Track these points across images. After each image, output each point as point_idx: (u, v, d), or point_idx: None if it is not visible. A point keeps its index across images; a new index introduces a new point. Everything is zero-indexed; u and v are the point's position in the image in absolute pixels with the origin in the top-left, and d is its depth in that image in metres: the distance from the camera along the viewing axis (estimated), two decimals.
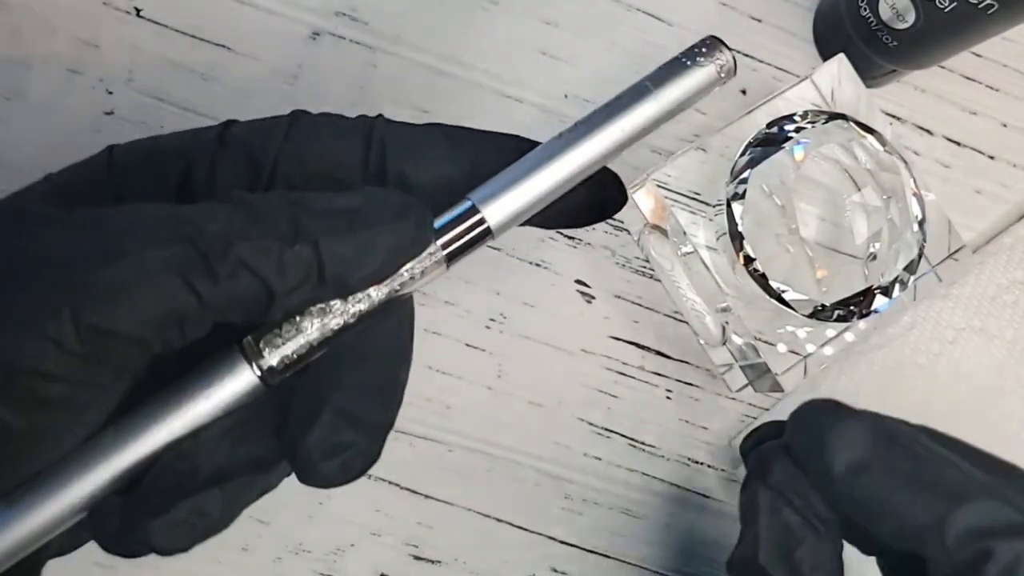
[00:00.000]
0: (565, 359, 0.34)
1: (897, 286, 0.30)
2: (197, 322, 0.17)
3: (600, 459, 0.34)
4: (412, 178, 0.20)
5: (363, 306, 0.19)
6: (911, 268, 0.30)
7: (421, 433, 0.33)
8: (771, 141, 0.30)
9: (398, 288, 0.19)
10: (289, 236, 0.17)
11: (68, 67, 0.32)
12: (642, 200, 0.32)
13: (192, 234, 0.16)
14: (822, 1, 0.36)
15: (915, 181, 0.30)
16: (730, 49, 0.22)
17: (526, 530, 0.34)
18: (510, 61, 0.34)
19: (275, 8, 0.33)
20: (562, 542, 0.34)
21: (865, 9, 0.33)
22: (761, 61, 0.36)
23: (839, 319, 0.29)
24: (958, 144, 0.37)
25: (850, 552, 0.25)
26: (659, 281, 0.35)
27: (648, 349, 0.35)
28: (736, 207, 0.29)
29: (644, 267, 0.35)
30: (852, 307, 0.29)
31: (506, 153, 0.21)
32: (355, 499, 0.33)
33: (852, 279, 0.29)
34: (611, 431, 0.34)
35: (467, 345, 0.34)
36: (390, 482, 0.33)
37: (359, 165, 0.20)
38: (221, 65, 0.33)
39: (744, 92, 0.36)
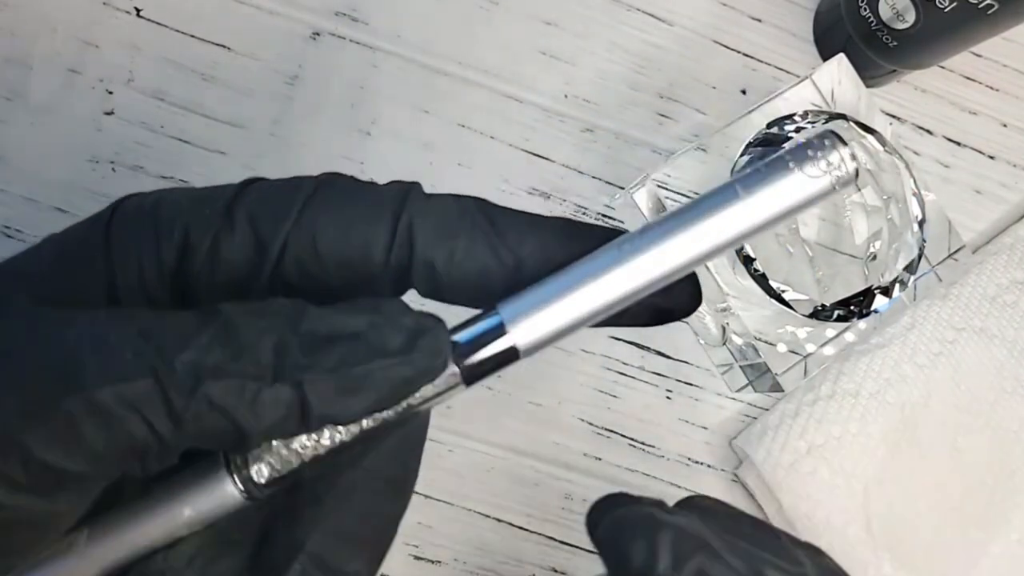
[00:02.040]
0: (565, 359, 0.34)
1: (897, 286, 0.30)
2: (159, 457, 0.15)
3: (600, 459, 0.34)
4: (442, 272, 0.17)
5: (366, 425, 0.17)
6: (911, 268, 0.30)
7: None
8: (771, 141, 0.30)
9: (407, 409, 0.17)
10: (269, 373, 0.15)
11: (68, 67, 0.32)
12: (642, 200, 0.32)
13: (157, 366, 0.15)
14: (822, 1, 0.36)
15: (915, 181, 0.30)
16: (847, 146, 0.17)
17: (526, 530, 0.34)
18: (510, 61, 0.34)
19: (275, 8, 0.33)
20: (562, 542, 0.34)
21: (865, 9, 0.33)
22: (761, 61, 0.36)
23: (839, 319, 0.29)
24: (958, 144, 0.37)
25: None
26: None
27: (648, 349, 0.35)
28: None
29: None
30: (852, 307, 0.29)
31: (554, 244, 0.18)
32: None
33: (852, 279, 0.29)
34: (611, 431, 0.34)
35: None
36: None
37: (382, 252, 0.17)
38: (221, 65, 0.33)
39: (744, 92, 0.36)
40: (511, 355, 0.17)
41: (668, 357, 0.35)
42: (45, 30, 0.32)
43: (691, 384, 0.35)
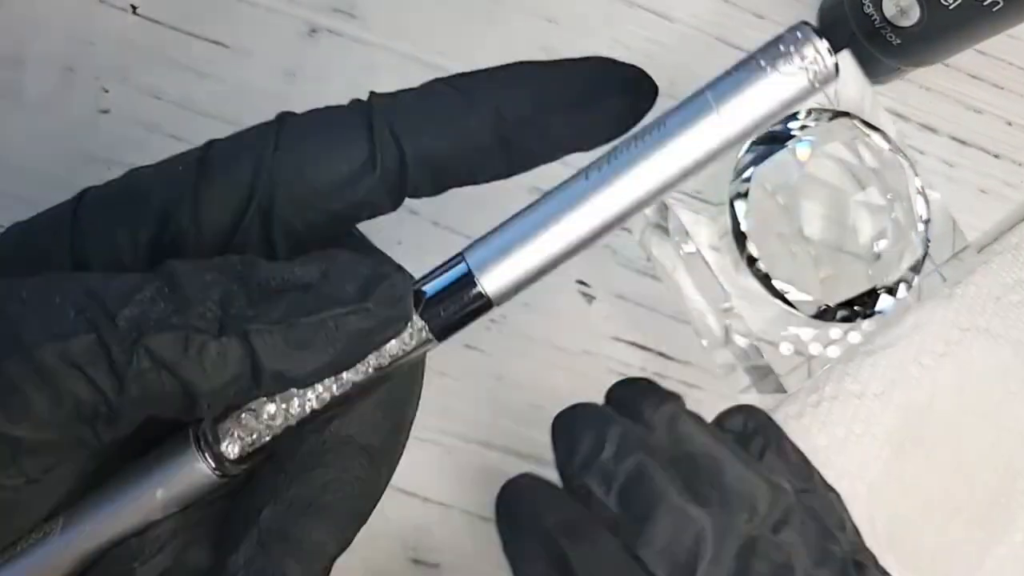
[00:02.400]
0: (566, 360, 0.34)
1: (902, 286, 0.29)
2: (109, 423, 0.15)
3: None
4: (436, 154, 0.17)
5: (333, 390, 0.16)
6: (916, 268, 0.30)
7: (420, 434, 0.33)
8: (775, 139, 0.29)
9: (377, 369, 0.16)
10: (215, 325, 0.14)
11: (64, 65, 0.32)
12: None
13: (98, 322, 0.14)
14: None
15: (919, 180, 0.30)
16: (823, 38, 0.15)
17: None
18: (510, 58, 0.34)
19: (272, 4, 0.33)
20: None
21: (869, 6, 0.32)
22: None
23: (843, 319, 0.29)
24: (963, 143, 0.37)
25: None
26: (661, 281, 0.34)
27: (650, 350, 0.34)
28: (739, 206, 0.29)
29: (646, 267, 0.35)
30: (856, 307, 0.29)
31: (519, 90, 0.17)
32: None
33: (856, 279, 0.29)
34: None
35: (467, 345, 0.33)
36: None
37: (367, 161, 0.16)
38: (217, 62, 0.32)
39: None
40: (484, 305, 0.16)
41: (670, 358, 0.35)
42: (40, 28, 0.32)
43: (694, 385, 0.35)
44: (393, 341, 0.15)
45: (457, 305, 0.16)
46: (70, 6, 0.32)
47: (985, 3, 0.29)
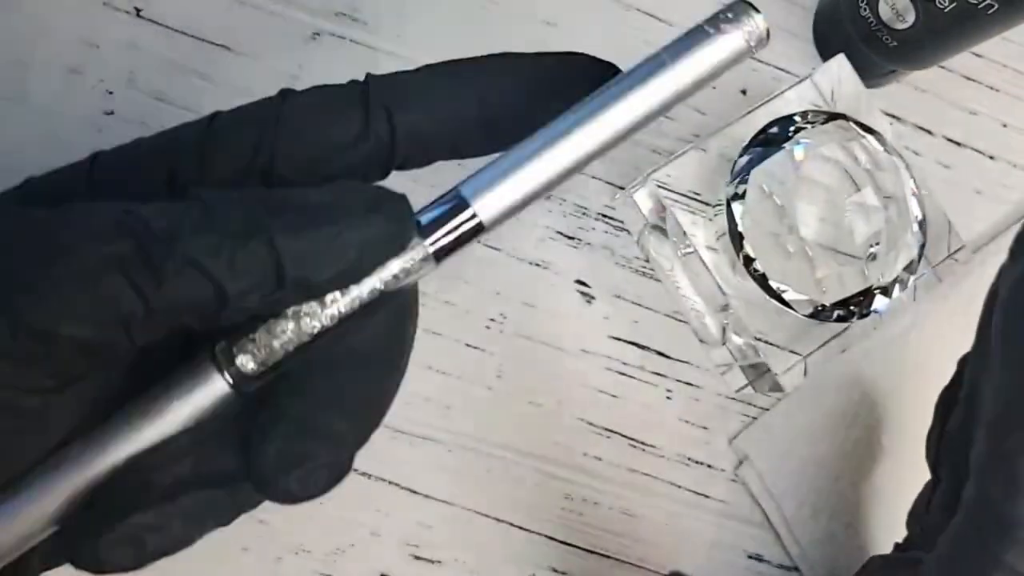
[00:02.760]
0: (565, 359, 0.34)
1: (897, 286, 0.30)
2: (145, 325, 0.16)
3: (600, 459, 0.34)
4: (424, 127, 0.19)
5: (342, 307, 0.17)
6: (911, 268, 0.30)
7: (420, 433, 0.33)
8: (771, 141, 0.30)
9: (383, 287, 0.17)
10: (242, 233, 0.16)
11: (68, 67, 0.32)
12: (642, 200, 0.32)
13: (137, 229, 0.15)
14: (822, 1, 0.36)
15: (915, 181, 0.30)
16: (758, 12, 0.19)
17: (526, 530, 0.34)
18: None
19: (275, 8, 0.33)
20: (562, 542, 0.34)
21: (865, 9, 0.33)
22: (761, 61, 0.36)
23: (839, 319, 0.29)
24: (958, 144, 0.37)
25: None
26: (659, 281, 0.35)
27: (648, 349, 0.35)
28: (736, 207, 0.29)
29: (644, 267, 0.35)
30: (852, 307, 0.29)
31: (505, 78, 0.19)
32: (355, 499, 0.33)
33: (852, 279, 0.29)
34: (611, 431, 0.34)
35: (467, 345, 0.34)
36: (389, 482, 0.33)
37: (362, 133, 0.18)
38: (221, 65, 0.33)
39: (744, 92, 0.36)
40: (477, 228, 0.18)
41: (668, 357, 0.35)
42: (45, 30, 0.32)
43: (691, 384, 0.35)
44: (396, 260, 0.17)
45: (452, 227, 0.18)
46: (75, 9, 0.32)
47: (980, 6, 0.29)
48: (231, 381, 0.17)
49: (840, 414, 0.35)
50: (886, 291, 0.30)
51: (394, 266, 0.17)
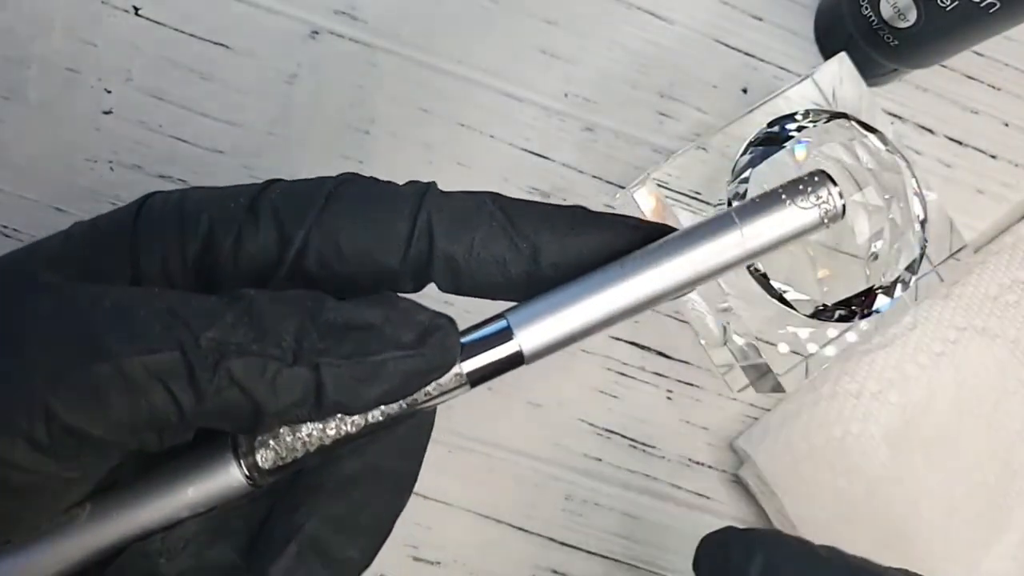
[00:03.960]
0: (565, 360, 0.34)
1: (899, 286, 0.30)
2: (177, 432, 0.16)
3: (600, 460, 0.34)
4: (463, 264, 0.18)
5: (371, 418, 0.17)
6: (913, 268, 0.30)
7: None
8: (772, 140, 0.29)
9: (412, 404, 0.17)
10: (289, 355, 0.16)
11: (66, 66, 0.32)
12: (643, 200, 0.32)
13: (184, 340, 0.15)
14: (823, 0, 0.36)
15: (917, 180, 0.30)
16: (836, 185, 0.18)
17: (526, 531, 0.34)
18: (510, 60, 0.34)
19: (274, 6, 0.33)
20: (562, 543, 0.34)
21: (866, 8, 0.32)
22: (762, 60, 0.36)
23: (841, 319, 0.29)
24: (960, 143, 0.37)
25: None
26: None
27: (649, 349, 0.35)
28: None
29: None
30: (854, 307, 0.29)
31: (567, 232, 0.18)
32: None
33: (854, 279, 0.29)
34: (611, 432, 0.34)
35: None
36: None
37: (402, 246, 0.18)
38: (220, 64, 0.33)
39: (745, 91, 0.36)
40: (516, 359, 0.18)
41: (669, 357, 0.35)
42: (43, 29, 0.32)
43: (692, 384, 0.35)
44: (434, 383, 0.17)
45: (493, 357, 0.18)
46: (73, 7, 0.32)
47: (982, 5, 0.29)
48: (247, 474, 0.17)
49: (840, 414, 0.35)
50: (888, 291, 0.29)
51: (428, 388, 0.17)
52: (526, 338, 0.18)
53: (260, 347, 0.16)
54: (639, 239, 0.19)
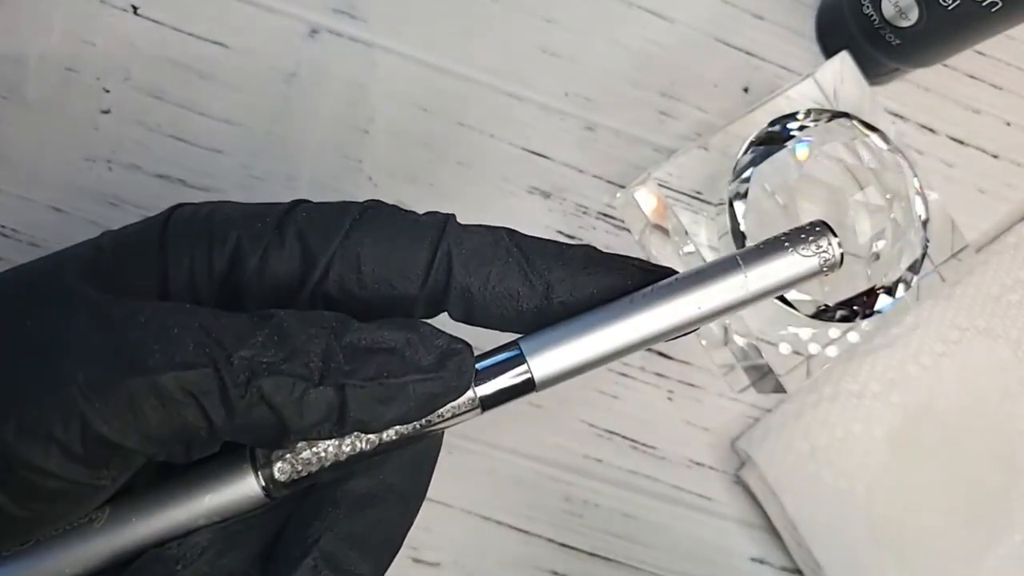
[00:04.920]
0: None
1: (900, 286, 0.29)
2: (205, 444, 0.17)
3: (601, 461, 0.34)
4: (477, 296, 0.19)
5: (385, 437, 0.18)
6: (914, 268, 0.30)
7: None
8: (774, 140, 0.29)
9: (425, 425, 0.18)
10: (316, 375, 0.16)
11: (65, 65, 0.32)
12: (643, 199, 0.32)
13: (217, 358, 0.16)
14: None
15: (918, 180, 0.30)
16: (836, 236, 0.19)
17: (526, 532, 0.33)
18: (510, 58, 0.34)
19: (273, 5, 0.33)
20: (562, 544, 0.34)
21: (868, 7, 0.32)
22: (764, 59, 0.36)
23: (842, 319, 0.29)
24: (961, 143, 0.37)
25: None
26: None
27: (649, 349, 0.34)
28: (738, 206, 0.29)
29: None
30: (855, 307, 0.29)
31: (579, 270, 0.19)
32: None
33: (855, 279, 0.29)
34: (612, 432, 0.34)
35: None
36: None
37: (421, 276, 0.19)
38: (219, 63, 0.32)
39: (746, 90, 0.36)
40: (528, 386, 0.19)
41: (669, 358, 0.35)
42: (42, 28, 0.32)
43: (693, 385, 0.35)
44: (448, 405, 0.18)
45: (506, 382, 0.18)
46: (71, 6, 0.32)
47: (984, 4, 0.29)
48: (264, 485, 0.18)
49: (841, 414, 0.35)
50: (890, 291, 0.29)
51: (443, 411, 0.18)
52: (538, 366, 0.18)
53: (289, 367, 0.16)
54: (647, 281, 0.19)
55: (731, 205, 0.29)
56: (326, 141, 0.33)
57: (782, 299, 0.29)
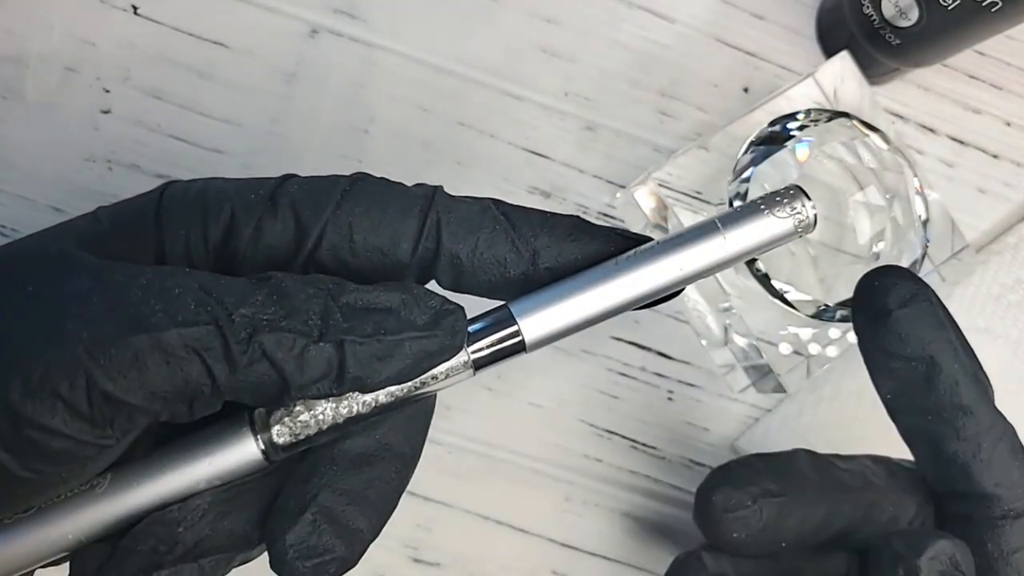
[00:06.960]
0: (565, 360, 0.34)
1: None
2: (209, 402, 0.17)
3: (601, 461, 0.34)
4: (466, 263, 0.19)
5: (380, 398, 0.19)
6: (914, 268, 0.30)
7: None
8: (773, 140, 0.29)
9: (420, 387, 0.19)
10: (316, 331, 0.17)
11: (65, 65, 0.32)
12: (643, 199, 0.32)
13: (219, 315, 0.16)
14: None
15: (918, 180, 0.30)
16: (810, 199, 0.20)
17: (526, 532, 0.33)
18: (510, 58, 0.34)
19: (273, 5, 0.33)
20: (562, 544, 0.34)
21: (868, 7, 0.32)
22: (763, 59, 0.36)
23: (842, 319, 0.29)
24: (961, 143, 0.37)
25: None
26: None
27: (649, 349, 0.34)
28: (738, 206, 0.29)
29: None
30: None
31: (564, 238, 0.20)
32: None
33: (855, 279, 0.29)
34: (612, 432, 0.34)
35: None
36: None
37: (411, 243, 0.19)
38: (218, 63, 0.32)
39: (746, 90, 0.36)
40: (518, 347, 0.19)
41: (669, 358, 0.35)
42: (42, 28, 0.32)
43: (693, 385, 0.35)
44: (441, 366, 0.18)
45: (497, 344, 0.19)
46: (71, 6, 0.32)
47: (984, 4, 0.29)
48: (263, 448, 0.18)
49: (842, 414, 0.35)
50: None
51: (436, 371, 0.19)
52: (528, 327, 0.19)
53: (289, 323, 0.17)
54: (630, 247, 0.20)
55: (731, 205, 0.29)
56: (326, 141, 0.33)
57: (782, 299, 0.29)
